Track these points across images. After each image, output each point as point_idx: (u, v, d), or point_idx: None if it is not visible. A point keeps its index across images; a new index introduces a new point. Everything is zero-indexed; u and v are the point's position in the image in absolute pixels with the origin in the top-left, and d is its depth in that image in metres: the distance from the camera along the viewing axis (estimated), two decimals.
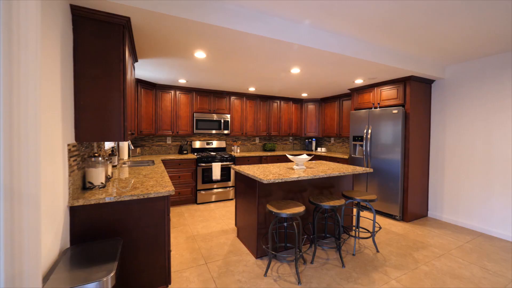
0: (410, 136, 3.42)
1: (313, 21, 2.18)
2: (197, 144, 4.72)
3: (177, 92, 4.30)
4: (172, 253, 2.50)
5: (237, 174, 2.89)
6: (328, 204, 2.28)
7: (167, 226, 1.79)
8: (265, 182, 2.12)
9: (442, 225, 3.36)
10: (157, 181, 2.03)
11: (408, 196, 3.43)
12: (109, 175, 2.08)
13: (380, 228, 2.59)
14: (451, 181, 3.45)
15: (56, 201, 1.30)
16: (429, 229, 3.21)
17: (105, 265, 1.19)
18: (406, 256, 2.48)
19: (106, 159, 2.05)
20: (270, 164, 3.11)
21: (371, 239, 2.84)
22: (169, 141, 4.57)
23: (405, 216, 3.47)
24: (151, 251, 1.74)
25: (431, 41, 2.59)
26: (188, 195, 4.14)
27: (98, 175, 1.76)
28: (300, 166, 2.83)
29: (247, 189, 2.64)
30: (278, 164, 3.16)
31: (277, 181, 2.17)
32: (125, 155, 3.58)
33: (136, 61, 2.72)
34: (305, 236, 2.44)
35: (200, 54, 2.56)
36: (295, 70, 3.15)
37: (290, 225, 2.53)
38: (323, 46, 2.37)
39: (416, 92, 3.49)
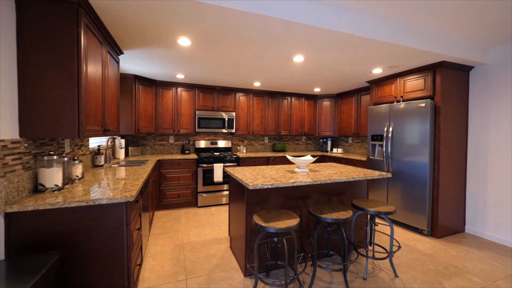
0: (440, 135, 2.82)
1: None
2: (201, 144, 4.49)
3: (179, 89, 4.10)
4: (152, 263, 2.24)
5: (230, 177, 2.57)
6: (330, 216, 1.85)
7: (127, 238, 1.51)
8: (250, 187, 1.77)
9: (484, 245, 2.71)
10: (124, 184, 1.77)
11: (438, 207, 2.83)
12: (77, 176, 1.87)
13: (399, 247, 2.09)
14: (497, 189, 2.78)
15: None
16: (466, 249, 2.59)
17: None
18: (434, 285, 1.96)
19: (70, 158, 1.85)
20: (269, 166, 2.74)
21: (388, 259, 2.34)
22: (171, 140, 4.39)
23: (434, 230, 2.87)
24: (106, 268, 1.48)
25: (469, 13, 2.04)
26: (188, 198, 3.91)
27: (52, 176, 1.55)
28: (302, 169, 2.43)
29: (237, 194, 2.30)
30: (278, 166, 2.78)
31: (265, 186, 1.81)
32: (121, 155, 3.45)
33: (121, 52, 2.53)
34: (302, 254, 2.03)
35: (184, 41, 2.28)
36: (299, 58, 2.74)
37: (282, 241, 2.14)
38: (323, 23, 1.95)
39: (449, 81, 2.87)
